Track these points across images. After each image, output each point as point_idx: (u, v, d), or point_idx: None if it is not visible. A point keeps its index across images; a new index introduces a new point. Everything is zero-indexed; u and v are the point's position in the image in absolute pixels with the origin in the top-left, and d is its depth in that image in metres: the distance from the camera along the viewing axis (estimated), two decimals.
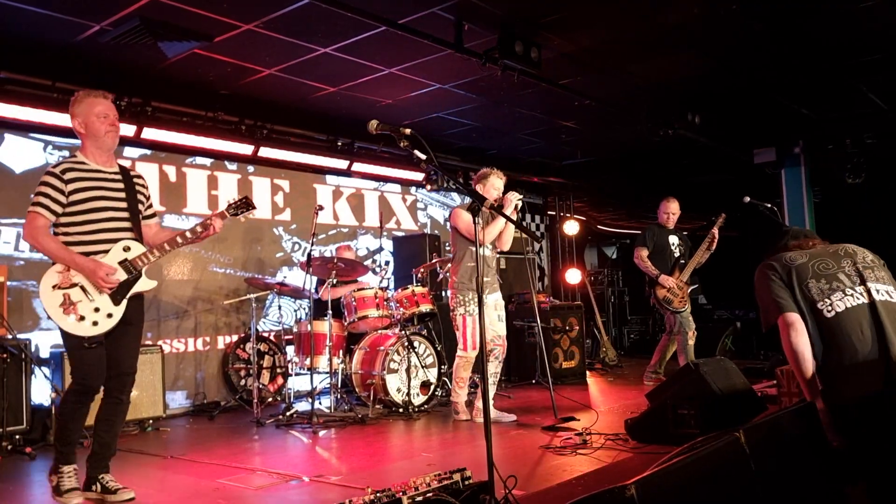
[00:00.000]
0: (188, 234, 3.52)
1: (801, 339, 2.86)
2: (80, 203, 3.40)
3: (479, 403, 5.21)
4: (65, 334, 3.34)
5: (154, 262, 3.52)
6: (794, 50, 6.01)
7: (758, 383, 5.74)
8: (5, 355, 4.71)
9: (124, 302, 3.44)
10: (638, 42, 5.70)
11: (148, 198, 3.70)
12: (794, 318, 2.90)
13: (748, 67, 6.40)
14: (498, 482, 2.88)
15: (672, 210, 6.98)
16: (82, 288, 3.34)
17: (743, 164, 9.45)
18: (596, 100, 6.93)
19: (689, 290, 6.71)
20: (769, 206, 6.46)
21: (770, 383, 5.84)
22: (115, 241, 3.46)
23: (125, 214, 3.53)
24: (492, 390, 5.28)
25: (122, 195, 3.54)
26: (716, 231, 6.71)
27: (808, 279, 2.95)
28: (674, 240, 6.93)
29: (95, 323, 3.35)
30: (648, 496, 1.48)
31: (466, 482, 3.04)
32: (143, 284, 3.52)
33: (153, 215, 3.73)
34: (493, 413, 5.19)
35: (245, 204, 3.65)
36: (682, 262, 6.77)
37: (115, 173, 3.58)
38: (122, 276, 3.42)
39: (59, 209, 3.38)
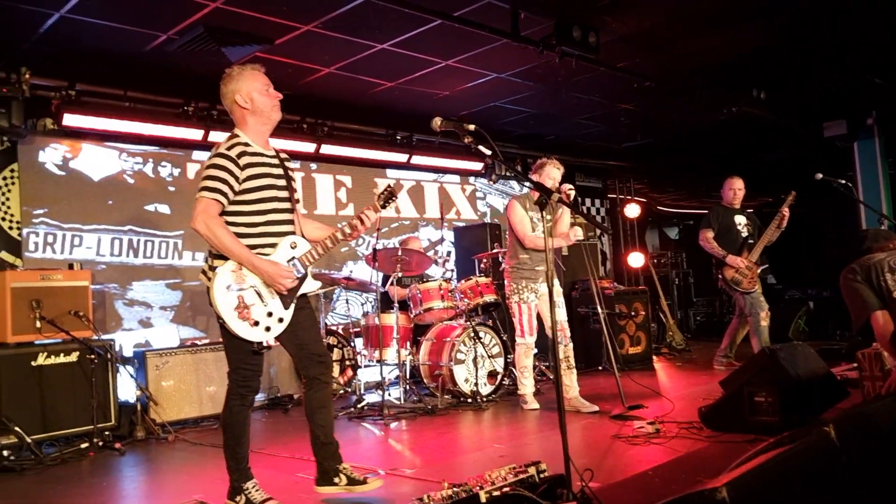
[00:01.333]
0: (347, 230, 3.30)
1: (889, 331, 3.16)
2: (251, 192, 3.09)
3: (566, 393, 5.19)
4: (231, 336, 3.09)
5: (316, 261, 3.28)
6: (862, 16, 5.75)
7: (836, 366, 5.57)
8: (93, 356, 4.93)
9: (293, 305, 3.21)
10: (699, 19, 5.56)
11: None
12: (880, 313, 3.22)
13: (815, 38, 6.16)
14: (573, 475, 2.87)
15: (737, 186, 6.80)
16: (256, 290, 3.11)
17: (812, 139, 9.12)
18: (656, 80, 6.79)
19: (759, 271, 6.54)
20: (843, 182, 6.22)
21: (850, 366, 5.66)
22: (280, 234, 3.19)
23: (287, 205, 3.23)
24: (570, 375, 5.25)
25: (283, 182, 3.22)
26: (786, 209, 6.50)
27: (884, 273, 3.22)
28: (740, 219, 6.75)
29: (268, 328, 3.12)
30: (740, 497, 1.47)
31: (542, 475, 3.04)
32: (309, 285, 3.29)
33: (297, 201, 3.37)
34: (577, 400, 5.18)
35: (390, 194, 3.42)
36: (751, 241, 6.59)
37: (274, 157, 3.24)
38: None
39: (232, 197, 3.06)
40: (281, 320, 3.17)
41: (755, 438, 3.77)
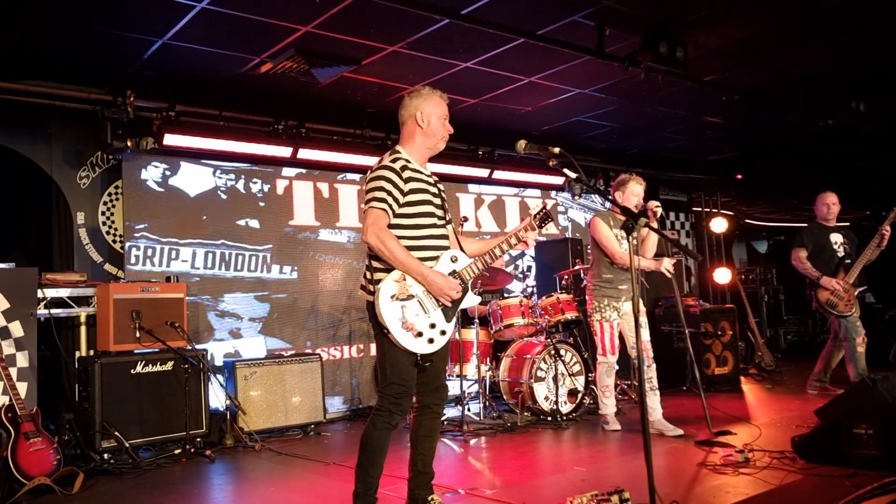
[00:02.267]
0: (504, 246, 3.33)
1: None
2: (412, 205, 3.15)
3: (649, 416, 5.06)
4: (392, 348, 3.08)
5: (477, 275, 3.30)
6: None
7: None
8: (186, 365, 5.16)
9: (455, 319, 3.22)
10: (794, 29, 5.35)
11: None
12: None
13: None
14: None
15: (830, 202, 6.48)
16: (419, 301, 3.11)
17: None
18: (746, 93, 6.59)
19: (856, 293, 6.22)
20: None
21: None
22: (439, 248, 3.23)
23: (444, 222, 3.31)
24: (653, 397, 5.13)
25: (440, 201, 3.31)
26: (887, 228, 6.15)
27: None
28: (836, 238, 6.44)
29: (432, 340, 3.11)
30: None
31: None
32: (470, 300, 3.30)
33: (450, 221, 3.44)
34: (660, 423, 5.07)
35: (546, 215, 3.37)
36: (848, 261, 6.27)
37: (430, 176, 3.33)
38: None
39: (396, 209, 3.11)
40: (444, 333, 3.16)
41: (854, 473, 3.59)
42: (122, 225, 5.87)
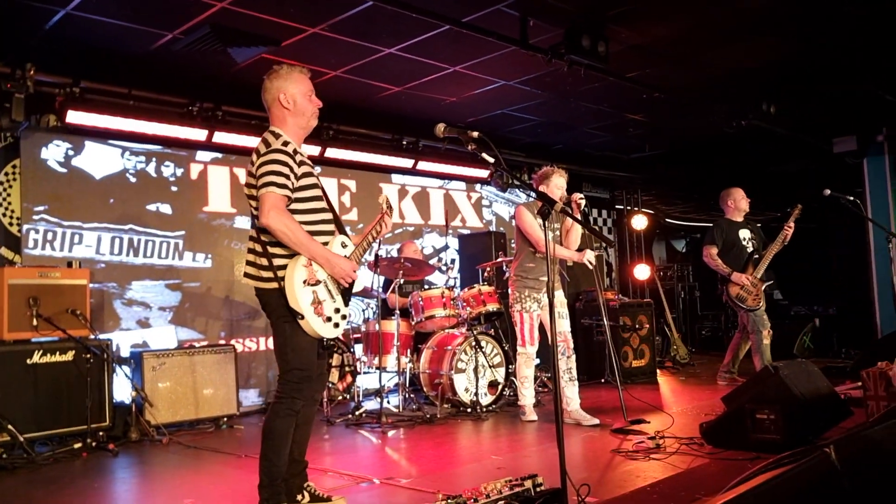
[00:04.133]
0: (374, 233, 3.38)
1: None
2: (304, 189, 3.08)
3: (566, 406, 5.12)
4: (297, 334, 3.00)
5: (359, 261, 3.28)
6: (878, 31, 5.69)
7: (840, 384, 5.50)
8: (89, 355, 4.88)
9: (350, 302, 3.23)
10: (713, 31, 5.51)
11: None
12: None
13: (829, 52, 6.10)
14: (570, 489, 2.81)
15: (738, 197, 6.72)
16: (326, 286, 3.08)
17: (822, 154, 9.04)
18: (666, 92, 6.74)
19: (763, 287, 6.46)
20: (851, 198, 6.14)
21: (854, 385, 5.58)
22: (329, 234, 3.18)
23: (328, 206, 3.24)
24: (572, 387, 5.19)
25: (321, 184, 3.26)
26: (791, 224, 6.42)
27: None
28: (745, 234, 6.67)
29: (336, 325, 3.11)
30: None
31: (538, 489, 3.00)
32: (358, 283, 3.30)
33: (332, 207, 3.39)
34: (577, 413, 5.12)
35: (389, 203, 3.58)
36: (756, 257, 6.51)
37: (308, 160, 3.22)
38: None
39: (292, 195, 3.02)
40: (345, 317, 3.16)
41: (757, 456, 3.70)
42: (20, 207, 5.52)
